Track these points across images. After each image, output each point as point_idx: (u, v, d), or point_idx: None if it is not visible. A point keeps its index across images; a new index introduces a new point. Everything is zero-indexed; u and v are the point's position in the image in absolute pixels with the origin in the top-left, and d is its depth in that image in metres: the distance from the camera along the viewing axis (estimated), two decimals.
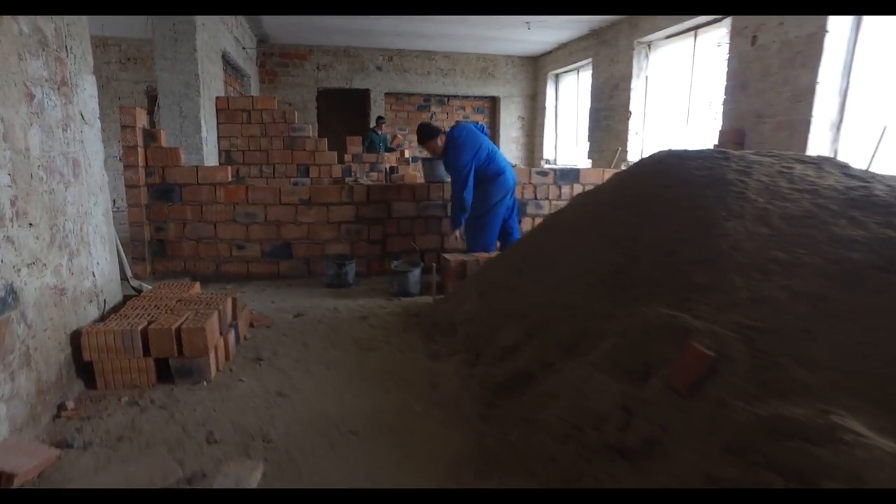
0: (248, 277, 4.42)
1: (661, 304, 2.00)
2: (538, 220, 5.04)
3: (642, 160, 3.19)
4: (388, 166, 8.08)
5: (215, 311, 2.58)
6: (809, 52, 4.76)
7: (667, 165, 2.79)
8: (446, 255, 4.05)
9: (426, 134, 4.29)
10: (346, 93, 10.61)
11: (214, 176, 4.23)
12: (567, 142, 10.39)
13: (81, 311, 2.33)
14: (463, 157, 4.11)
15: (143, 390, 2.29)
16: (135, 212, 4.05)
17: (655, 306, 1.98)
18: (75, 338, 2.22)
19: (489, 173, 4.22)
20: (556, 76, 10.52)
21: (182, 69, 4.75)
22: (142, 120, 3.98)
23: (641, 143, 7.84)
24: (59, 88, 2.18)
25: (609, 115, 8.24)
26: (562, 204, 5.11)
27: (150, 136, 4.05)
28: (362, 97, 10.84)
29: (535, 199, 5.02)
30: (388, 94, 10.47)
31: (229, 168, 4.28)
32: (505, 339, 2.48)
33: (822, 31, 4.63)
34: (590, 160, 8.90)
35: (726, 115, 5.80)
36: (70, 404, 2.06)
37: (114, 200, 8.47)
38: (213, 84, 5.52)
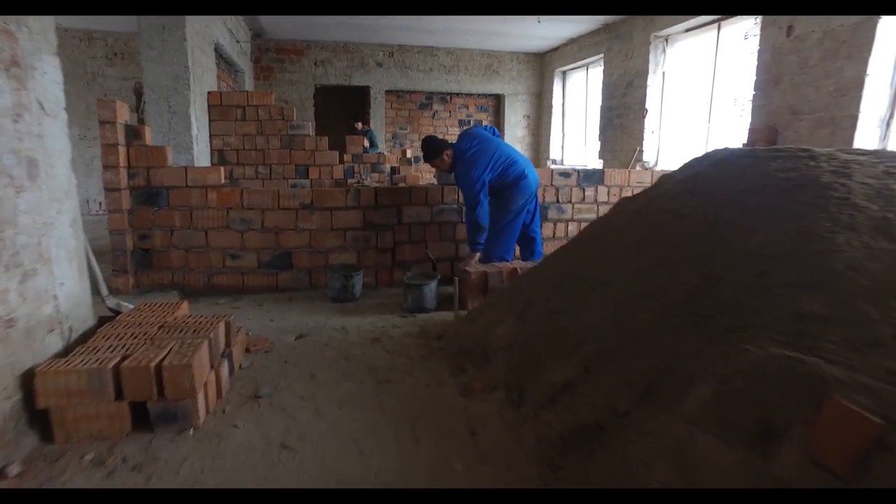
0: (244, 290, 3.98)
1: (767, 339, 1.59)
2: (560, 226, 4.64)
3: (695, 160, 2.79)
4: (389, 166, 7.68)
5: (205, 341, 2.15)
6: (857, 41, 4.37)
7: (738, 166, 2.38)
8: (466, 268, 3.63)
9: (431, 150, 3.88)
10: (345, 90, 10.18)
11: (205, 178, 3.79)
12: (575, 141, 10.00)
13: (38, 345, 1.89)
14: (474, 171, 3.72)
15: (113, 444, 1.85)
16: (116, 218, 3.60)
17: (762, 343, 1.57)
18: (27, 380, 1.78)
19: (509, 179, 3.83)
20: (564, 73, 10.13)
21: (170, 60, 4.30)
22: (123, 115, 3.54)
23: (657, 143, 7.45)
24: (6, 70, 1.74)
25: (623, 114, 7.84)
26: (585, 208, 4.72)
27: (134, 133, 3.60)
28: (362, 95, 10.41)
29: (558, 202, 4.61)
30: (388, 92, 10.04)
31: (222, 169, 3.84)
32: (555, 373, 2.06)
33: (873, 18, 4.25)
34: (601, 160, 8.51)
35: (756, 111, 5.41)
36: (14, 468, 1.63)
37: (99, 203, 8.00)
38: (204, 78, 5.08)
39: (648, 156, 7.50)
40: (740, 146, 5.44)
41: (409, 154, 9.16)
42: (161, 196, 3.74)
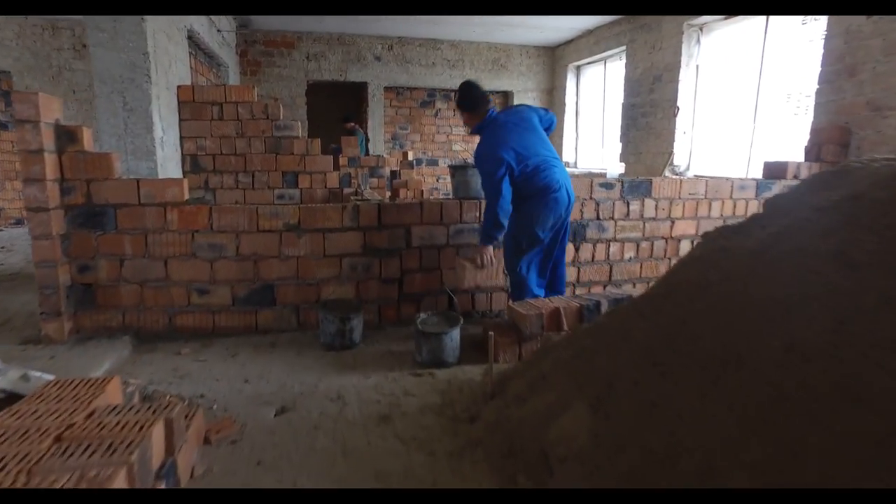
0: (215, 333, 3.18)
1: None
2: (600, 247, 3.85)
3: (831, 175, 2.01)
4: (389, 170, 6.89)
5: (122, 469, 1.35)
6: None
7: None
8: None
9: (468, 98, 3.11)
10: (341, 87, 9.36)
11: (163, 192, 2.98)
12: (590, 143, 9.22)
13: None
14: (499, 148, 2.94)
15: None
16: (43, 246, 2.79)
17: None
18: None
19: (537, 185, 3.03)
20: (578, 68, 9.35)
21: (125, 45, 3.49)
22: (53, 111, 2.73)
23: (690, 145, 6.68)
24: None
25: (650, 112, 7.07)
26: (629, 225, 3.93)
27: (68, 135, 2.79)
28: (359, 92, 9.61)
29: (598, 218, 3.82)
30: (387, 89, 9.23)
31: (185, 182, 3.03)
32: None
33: None
34: (622, 164, 7.73)
35: (821, 108, 4.64)
36: None
37: None
38: (173, 69, 4.27)
39: (679, 159, 6.73)
40: (804, 149, 4.68)
41: (410, 156, 8.36)
42: (106, 217, 2.93)
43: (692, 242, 4.13)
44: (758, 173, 5.60)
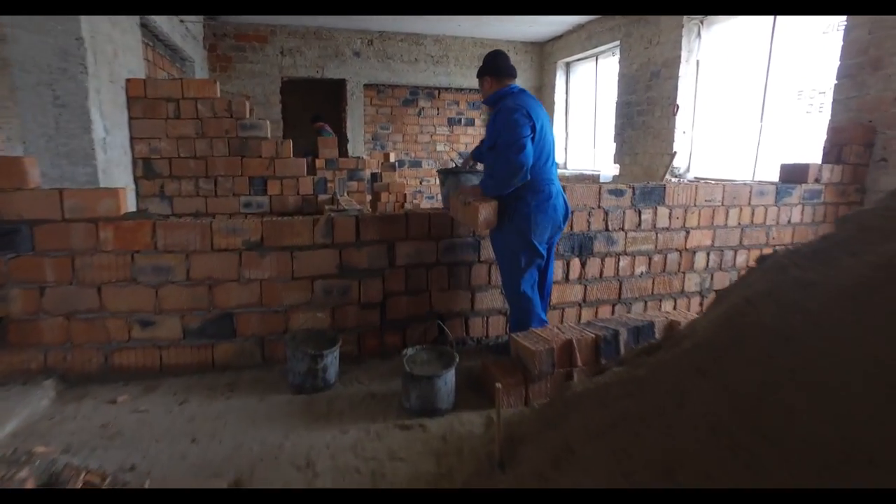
0: (163, 372, 2.66)
1: None
2: (609, 262, 3.42)
3: None
4: (370, 172, 6.40)
5: None
6: None
7: None
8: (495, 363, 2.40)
9: (496, 63, 2.75)
10: (317, 85, 8.82)
11: (94, 205, 2.46)
12: (581, 143, 8.82)
13: None
14: (526, 108, 2.56)
15: None
16: None
17: None
18: None
19: (536, 184, 2.64)
20: (567, 65, 8.94)
21: (53, 28, 2.93)
22: None
23: (690, 145, 6.30)
24: None
25: (647, 110, 6.68)
26: (641, 237, 3.50)
27: None
28: (335, 90, 9.08)
29: (606, 229, 3.38)
30: (367, 86, 8.70)
31: (122, 192, 2.51)
32: None
33: None
34: (617, 165, 7.35)
35: (840, 105, 4.27)
36: None
37: None
38: (119, 59, 3.71)
39: (679, 160, 6.35)
40: (822, 150, 4.31)
41: (392, 157, 7.87)
42: (19, 236, 2.39)
43: (707, 255, 3.73)
44: (766, 176, 5.24)
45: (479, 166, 3.09)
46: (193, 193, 4.11)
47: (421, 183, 9.56)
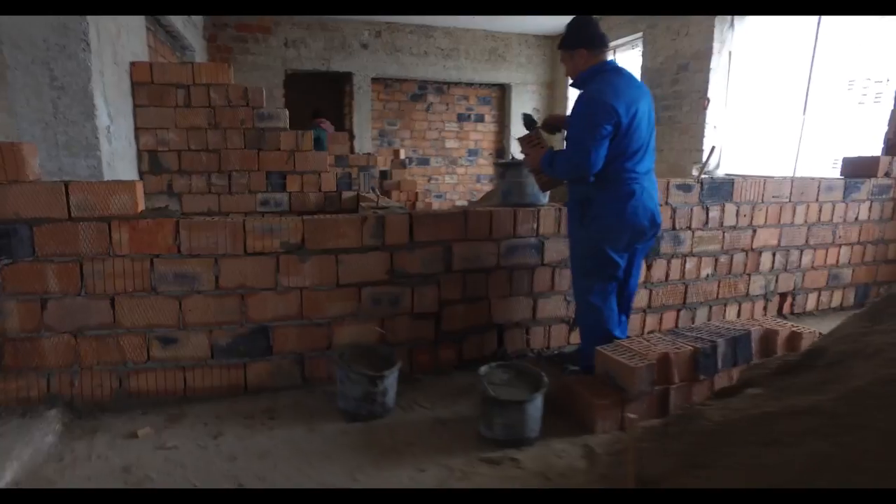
0: (187, 398, 2.27)
1: None
2: (675, 263, 3.11)
3: None
4: (379, 170, 6.03)
5: None
6: None
7: None
8: (579, 380, 2.06)
9: (585, 32, 2.27)
10: (323, 77, 8.41)
11: (106, 201, 2.06)
12: None
13: None
14: (610, 99, 2.14)
15: None
16: None
17: None
18: None
19: (619, 178, 2.24)
20: None
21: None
22: None
23: (720, 141, 6.02)
24: None
25: (674, 105, 6.39)
26: (708, 236, 3.18)
27: None
28: (340, 84, 8.68)
29: (673, 228, 3.06)
30: (375, 80, 8.31)
31: (139, 186, 2.12)
32: None
33: None
34: None
35: None
36: None
37: None
38: (123, 40, 3.30)
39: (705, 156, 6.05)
40: (884, 142, 4.04)
41: (402, 154, 7.51)
42: (16, 238, 1.99)
43: (773, 255, 3.42)
44: (808, 171, 4.97)
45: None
46: (205, 190, 3.71)
47: (429, 181, 9.20)
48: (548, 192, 2.76)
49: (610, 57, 2.27)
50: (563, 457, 1.91)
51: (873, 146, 4.20)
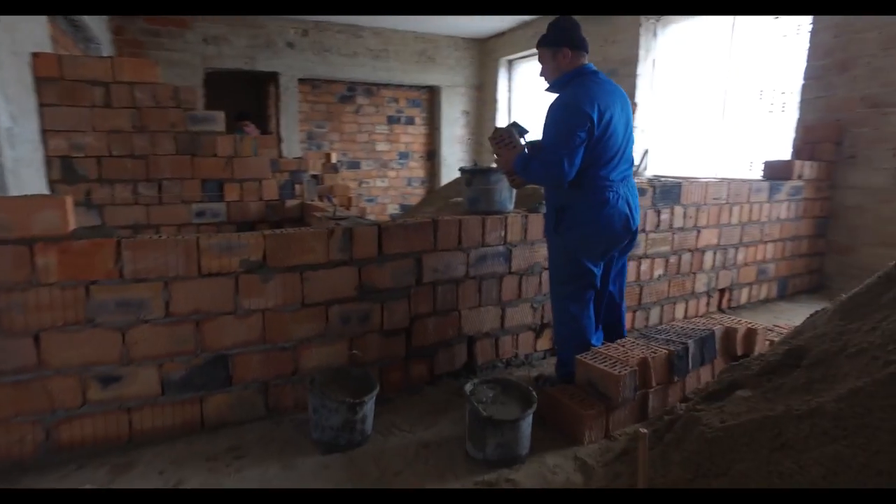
0: (134, 442, 1.99)
1: None
2: (631, 266, 3.18)
3: None
4: (310, 174, 5.78)
5: None
6: None
7: None
8: (563, 390, 2.04)
9: (566, 32, 2.23)
10: (246, 77, 7.92)
11: (26, 221, 1.75)
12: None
13: None
14: (584, 105, 2.11)
15: None
16: None
17: None
18: None
19: (592, 188, 2.23)
20: (510, 62, 8.79)
21: None
22: None
23: (646, 144, 6.35)
24: None
25: None
26: (659, 238, 3.31)
27: None
28: (264, 84, 8.23)
29: None
30: (302, 81, 7.95)
31: (68, 201, 1.82)
32: None
33: None
34: None
35: (808, 105, 4.41)
36: None
37: None
38: (21, 25, 2.86)
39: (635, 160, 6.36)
40: (793, 148, 4.42)
41: (333, 158, 7.26)
42: None
43: (714, 254, 3.63)
44: (727, 173, 5.36)
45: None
46: (131, 201, 3.31)
47: (360, 185, 8.97)
48: (514, 199, 2.73)
49: (531, 62, 2.28)
50: (557, 472, 1.87)
51: (784, 150, 4.60)
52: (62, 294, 1.83)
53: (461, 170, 2.69)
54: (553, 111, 2.20)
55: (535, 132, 2.40)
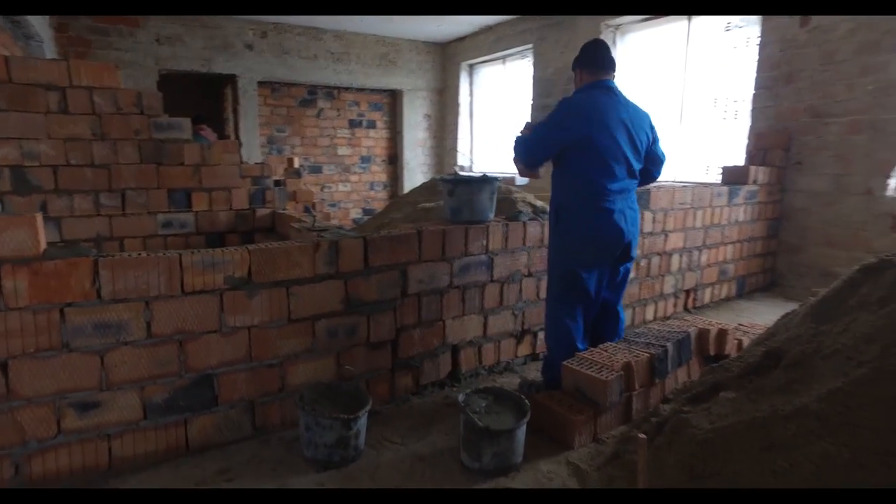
0: (113, 473, 1.89)
1: None
2: None
3: None
4: (273, 180, 5.66)
5: None
6: None
7: None
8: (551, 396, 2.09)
9: (583, 53, 2.42)
10: (201, 79, 7.65)
11: None
12: (489, 145, 8.80)
13: None
14: (567, 119, 2.32)
15: None
16: None
17: None
18: None
19: (585, 197, 2.33)
20: (471, 67, 8.87)
21: None
22: None
23: None
24: None
25: None
26: None
27: None
28: (224, 86, 7.98)
29: None
30: (261, 84, 7.75)
31: (38, 219, 1.72)
32: None
33: None
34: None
35: (759, 114, 4.67)
36: None
37: None
38: None
39: None
40: (746, 153, 4.67)
41: (296, 163, 7.12)
42: None
43: (680, 257, 3.79)
44: (686, 177, 5.60)
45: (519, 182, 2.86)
46: (92, 212, 3.13)
47: (322, 190, 8.82)
48: (494, 208, 2.75)
49: (492, 67, 2.34)
50: (553, 478, 1.91)
51: (738, 156, 4.85)
52: (34, 318, 1.72)
53: (443, 179, 2.69)
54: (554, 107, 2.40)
55: None
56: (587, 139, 2.26)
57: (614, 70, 2.43)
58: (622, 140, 2.30)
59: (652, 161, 2.49)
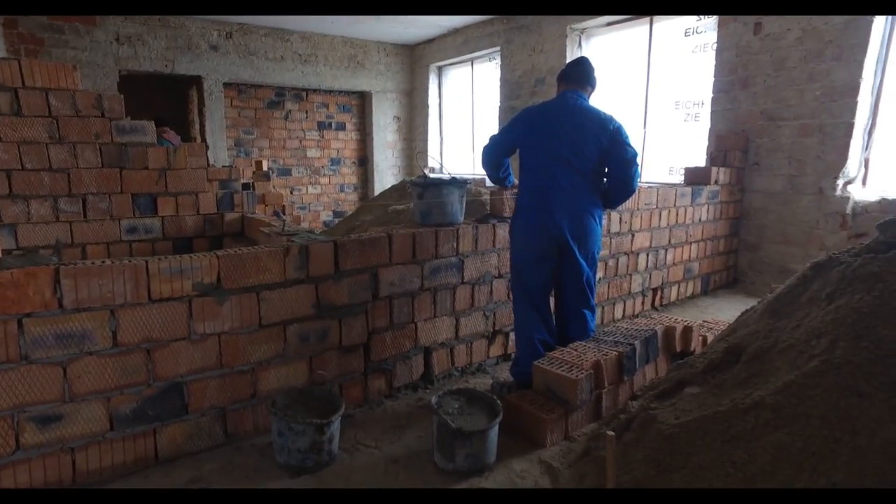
0: (76, 485, 1.84)
1: None
2: None
3: None
4: (241, 183, 5.58)
5: None
6: (847, 42, 3.94)
7: None
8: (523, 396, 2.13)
9: (564, 70, 2.60)
10: (164, 81, 7.46)
11: None
12: (458, 147, 8.85)
13: None
14: (512, 125, 2.60)
15: None
16: None
17: None
18: None
19: (522, 190, 2.57)
20: (440, 69, 8.90)
21: None
22: None
23: None
24: None
25: None
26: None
27: None
28: (188, 87, 7.79)
29: None
30: (227, 86, 7.61)
31: None
32: None
33: (866, 18, 3.84)
34: None
35: (718, 116, 4.84)
36: None
37: None
38: None
39: None
40: (707, 155, 4.84)
41: (265, 166, 7.04)
42: None
43: (647, 256, 3.90)
44: (650, 177, 5.76)
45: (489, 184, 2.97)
46: (51, 218, 3.02)
47: (292, 193, 8.72)
48: (464, 210, 2.78)
49: (460, 69, 2.42)
50: (525, 477, 1.94)
51: (699, 157, 5.01)
52: None
53: (412, 182, 2.71)
54: None
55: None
56: (528, 142, 2.48)
57: (586, 83, 2.54)
58: (562, 143, 2.40)
59: (615, 162, 2.49)
